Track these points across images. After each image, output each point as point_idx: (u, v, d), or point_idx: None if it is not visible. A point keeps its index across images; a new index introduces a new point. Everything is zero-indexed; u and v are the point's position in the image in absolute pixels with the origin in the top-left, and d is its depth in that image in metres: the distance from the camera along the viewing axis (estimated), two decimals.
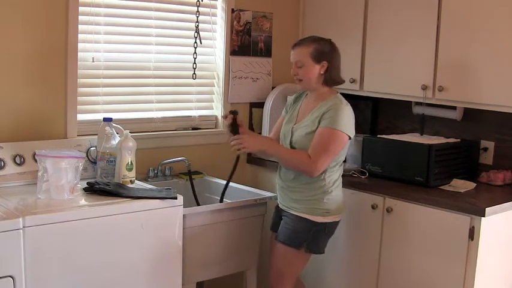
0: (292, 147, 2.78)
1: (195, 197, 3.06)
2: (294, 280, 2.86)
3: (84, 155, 2.81)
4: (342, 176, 2.84)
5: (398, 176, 3.09)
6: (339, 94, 2.80)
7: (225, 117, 2.79)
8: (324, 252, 2.84)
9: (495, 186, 3.05)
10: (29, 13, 2.74)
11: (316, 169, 2.66)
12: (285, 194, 2.83)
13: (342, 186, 2.87)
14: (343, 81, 2.83)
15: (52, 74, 2.85)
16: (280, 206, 2.88)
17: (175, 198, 2.59)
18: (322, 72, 2.73)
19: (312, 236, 2.74)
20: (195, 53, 3.33)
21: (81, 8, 2.89)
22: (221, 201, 2.94)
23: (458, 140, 3.23)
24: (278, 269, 2.84)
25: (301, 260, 2.82)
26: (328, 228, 2.77)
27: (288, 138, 2.80)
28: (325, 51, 2.73)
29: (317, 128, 2.68)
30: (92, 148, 2.88)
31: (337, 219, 2.80)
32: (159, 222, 2.55)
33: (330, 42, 2.77)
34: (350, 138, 2.71)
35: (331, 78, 2.76)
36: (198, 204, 3.02)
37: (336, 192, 2.77)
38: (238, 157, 2.84)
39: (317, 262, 3.08)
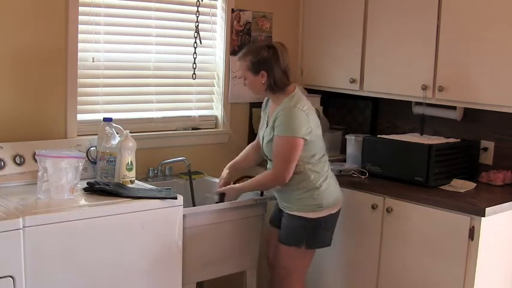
0: (265, 154, 2.82)
1: (192, 197, 3.06)
2: (303, 277, 2.86)
3: (84, 155, 2.81)
4: (343, 175, 2.82)
5: (398, 176, 3.09)
6: (294, 93, 2.74)
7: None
8: (329, 245, 2.85)
9: (495, 186, 3.05)
10: (28, 13, 2.74)
11: (283, 178, 2.69)
12: (278, 196, 2.86)
13: (341, 186, 2.87)
14: (289, 83, 2.75)
15: (52, 74, 2.85)
16: (279, 205, 2.89)
17: (175, 198, 2.58)
18: (263, 82, 2.72)
19: (310, 233, 2.75)
20: (195, 53, 3.33)
21: (81, 8, 2.89)
22: None
23: (458, 140, 3.23)
24: (285, 268, 2.84)
25: (306, 256, 2.83)
26: (326, 222, 2.76)
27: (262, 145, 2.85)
28: (261, 61, 2.69)
29: (274, 135, 2.70)
30: (92, 148, 2.88)
31: (333, 211, 2.78)
32: (159, 222, 2.55)
33: (268, 48, 2.71)
34: (306, 140, 2.66)
35: (276, 85, 2.72)
36: (194, 205, 3.01)
37: (325, 186, 2.75)
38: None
39: (317, 262, 3.08)
